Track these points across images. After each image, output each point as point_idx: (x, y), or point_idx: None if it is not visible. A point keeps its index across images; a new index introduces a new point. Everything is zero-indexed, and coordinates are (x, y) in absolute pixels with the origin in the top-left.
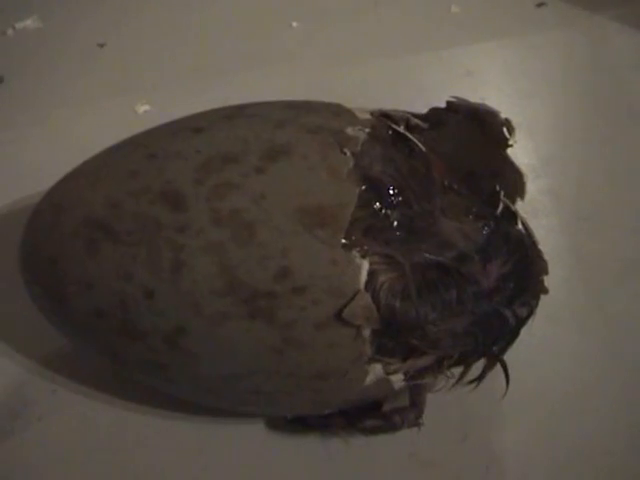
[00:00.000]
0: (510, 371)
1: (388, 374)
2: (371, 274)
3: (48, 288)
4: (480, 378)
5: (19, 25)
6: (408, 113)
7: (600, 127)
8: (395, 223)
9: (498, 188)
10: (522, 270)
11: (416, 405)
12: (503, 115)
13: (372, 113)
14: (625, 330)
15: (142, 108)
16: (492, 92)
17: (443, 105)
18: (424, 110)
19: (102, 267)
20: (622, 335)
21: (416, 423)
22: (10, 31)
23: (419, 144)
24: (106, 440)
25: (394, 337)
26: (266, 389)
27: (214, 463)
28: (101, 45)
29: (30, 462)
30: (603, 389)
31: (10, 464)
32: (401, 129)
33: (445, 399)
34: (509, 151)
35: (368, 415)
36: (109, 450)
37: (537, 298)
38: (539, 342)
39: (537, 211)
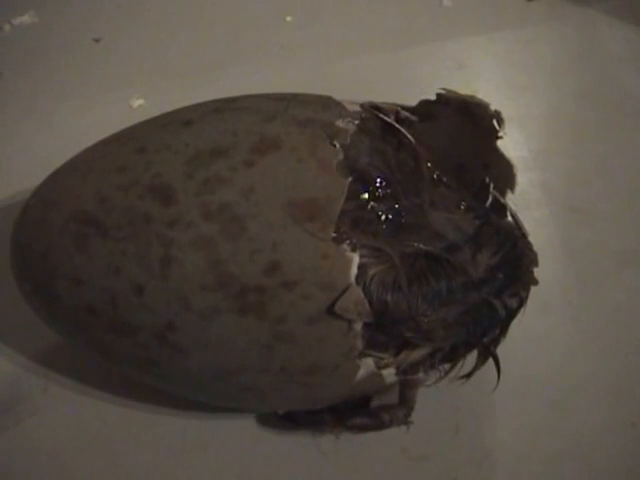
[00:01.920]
0: (501, 363)
1: (380, 368)
2: (361, 267)
3: (39, 284)
4: (471, 373)
5: (16, 21)
6: (398, 105)
7: (591, 119)
8: (383, 216)
9: (488, 180)
10: (512, 261)
11: (406, 403)
12: (493, 107)
13: (362, 105)
14: (616, 321)
15: (137, 102)
16: (484, 85)
17: (433, 97)
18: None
19: (92, 262)
20: (613, 326)
21: (405, 421)
22: (7, 26)
23: (408, 136)
24: (98, 436)
25: (386, 330)
26: (257, 384)
27: (205, 458)
28: (97, 40)
29: (22, 458)
30: (595, 380)
31: (1, 460)
32: (390, 120)
33: (436, 392)
34: (499, 143)
35: (357, 413)
36: (101, 446)
37: (527, 289)
38: (530, 334)
39: (528, 203)
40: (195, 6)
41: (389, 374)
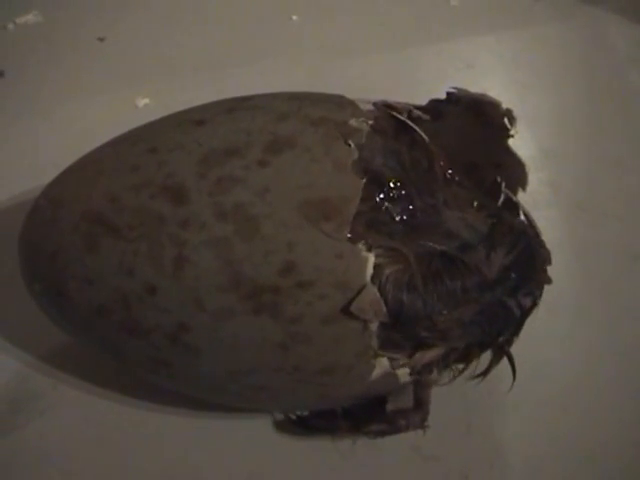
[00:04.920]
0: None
1: (394, 368)
2: (376, 267)
3: (48, 284)
4: (486, 372)
5: (20, 20)
6: (410, 105)
7: (599, 118)
8: (397, 217)
9: (500, 179)
10: (525, 260)
11: (421, 407)
12: (504, 105)
13: (375, 104)
14: (627, 319)
15: (142, 102)
16: (492, 85)
17: (442, 97)
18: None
19: (103, 263)
20: (624, 324)
21: (421, 426)
22: (11, 26)
23: (423, 134)
24: (108, 436)
25: (402, 330)
26: (271, 385)
27: (218, 460)
28: (101, 39)
29: (32, 457)
30: (606, 379)
31: (12, 458)
32: (404, 119)
33: (447, 391)
34: (510, 142)
35: (373, 419)
36: (110, 445)
37: (541, 288)
38: (539, 332)
39: (537, 202)
40: (200, 5)
41: (404, 374)
